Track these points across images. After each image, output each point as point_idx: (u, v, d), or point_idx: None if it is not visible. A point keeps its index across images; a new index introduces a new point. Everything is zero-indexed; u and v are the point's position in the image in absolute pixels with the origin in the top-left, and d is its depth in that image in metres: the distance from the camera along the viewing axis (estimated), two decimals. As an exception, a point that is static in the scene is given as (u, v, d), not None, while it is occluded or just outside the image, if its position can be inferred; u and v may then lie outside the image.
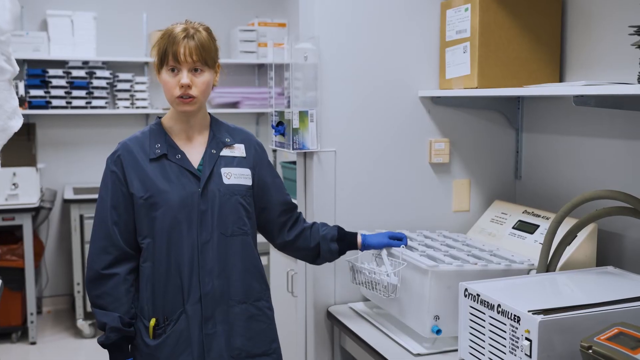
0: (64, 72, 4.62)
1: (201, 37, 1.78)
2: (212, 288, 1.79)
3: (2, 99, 1.32)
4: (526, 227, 2.22)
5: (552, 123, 2.37)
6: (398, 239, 2.06)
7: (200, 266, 1.78)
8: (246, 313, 1.85)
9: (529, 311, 1.50)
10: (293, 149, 2.24)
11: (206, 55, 1.77)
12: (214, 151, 1.85)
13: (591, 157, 2.21)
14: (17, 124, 1.42)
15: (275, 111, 2.37)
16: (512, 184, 2.56)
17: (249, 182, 1.87)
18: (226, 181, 1.82)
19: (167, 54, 1.76)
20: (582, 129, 2.24)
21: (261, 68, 5.32)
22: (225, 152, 1.87)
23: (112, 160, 1.83)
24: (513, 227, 2.27)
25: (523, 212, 2.29)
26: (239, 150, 1.89)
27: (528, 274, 1.96)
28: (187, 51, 1.74)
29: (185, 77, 1.75)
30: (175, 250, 1.78)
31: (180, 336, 1.78)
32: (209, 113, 1.93)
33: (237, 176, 1.85)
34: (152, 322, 1.79)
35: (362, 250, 2.07)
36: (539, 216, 2.22)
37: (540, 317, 1.46)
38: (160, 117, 1.90)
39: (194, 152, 1.85)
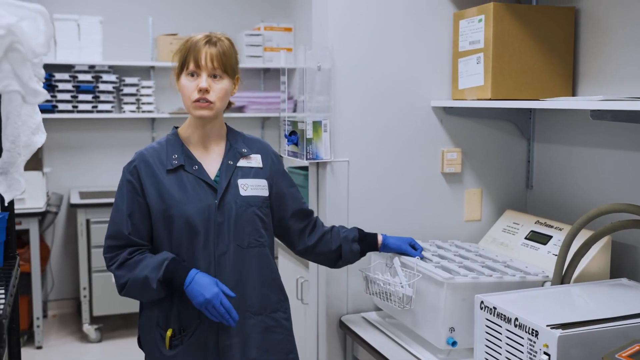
0: (70, 76, 4.62)
1: (223, 45, 1.79)
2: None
3: (25, 114, 1.33)
4: (539, 238, 2.22)
5: (563, 133, 2.38)
6: (414, 248, 2.08)
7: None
8: (262, 325, 1.85)
9: (547, 325, 1.50)
10: (307, 159, 2.24)
11: (227, 62, 1.79)
12: (230, 162, 1.85)
13: (601, 168, 2.22)
14: (40, 139, 1.42)
15: (288, 120, 2.37)
16: (523, 193, 2.57)
17: (265, 193, 1.88)
18: (242, 193, 1.83)
19: (187, 59, 1.78)
20: (593, 140, 2.25)
21: (267, 72, 5.32)
22: (242, 162, 1.87)
23: (129, 170, 1.83)
24: (526, 238, 2.27)
25: (535, 223, 2.29)
26: (255, 160, 1.90)
27: (542, 285, 1.97)
28: (208, 56, 1.76)
29: (204, 81, 1.76)
30: (191, 262, 1.78)
31: (196, 347, 1.78)
32: (226, 123, 1.93)
33: (253, 187, 1.86)
34: (169, 332, 1.79)
35: (380, 250, 2.08)
36: (551, 227, 2.23)
37: (559, 332, 1.47)
38: (176, 127, 1.91)
39: (211, 162, 1.85)
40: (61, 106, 4.60)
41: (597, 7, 2.20)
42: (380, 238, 2.07)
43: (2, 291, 1.24)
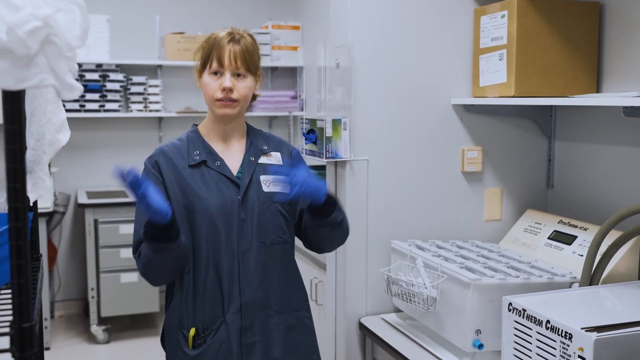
0: (77, 75, 4.57)
1: (246, 42, 1.76)
2: (253, 297, 1.76)
3: (50, 111, 1.29)
4: (563, 238, 2.18)
5: (586, 131, 2.34)
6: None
7: (241, 275, 1.75)
8: (285, 323, 1.82)
9: (582, 328, 1.46)
10: (326, 157, 2.20)
11: (250, 60, 1.75)
12: (252, 158, 1.82)
13: (625, 166, 2.18)
14: (64, 137, 1.39)
15: (306, 119, 2.33)
16: (543, 192, 2.53)
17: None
18: (265, 189, 1.80)
19: (211, 57, 1.74)
20: (617, 137, 2.21)
21: (274, 71, 5.28)
22: (262, 159, 1.84)
23: (150, 163, 1.78)
24: (549, 238, 2.23)
25: (558, 222, 2.25)
26: (275, 157, 1.87)
27: (570, 287, 1.93)
28: (232, 55, 1.73)
29: (227, 80, 1.73)
30: (214, 259, 1.75)
31: (220, 346, 1.75)
32: (246, 122, 1.90)
33: (275, 184, 1.82)
34: (192, 332, 1.75)
35: (321, 199, 1.75)
36: (576, 227, 2.18)
37: (595, 335, 1.43)
38: (196, 125, 1.88)
39: (232, 159, 1.82)
40: (68, 105, 4.55)
41: (622, 1, 2.15)
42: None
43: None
